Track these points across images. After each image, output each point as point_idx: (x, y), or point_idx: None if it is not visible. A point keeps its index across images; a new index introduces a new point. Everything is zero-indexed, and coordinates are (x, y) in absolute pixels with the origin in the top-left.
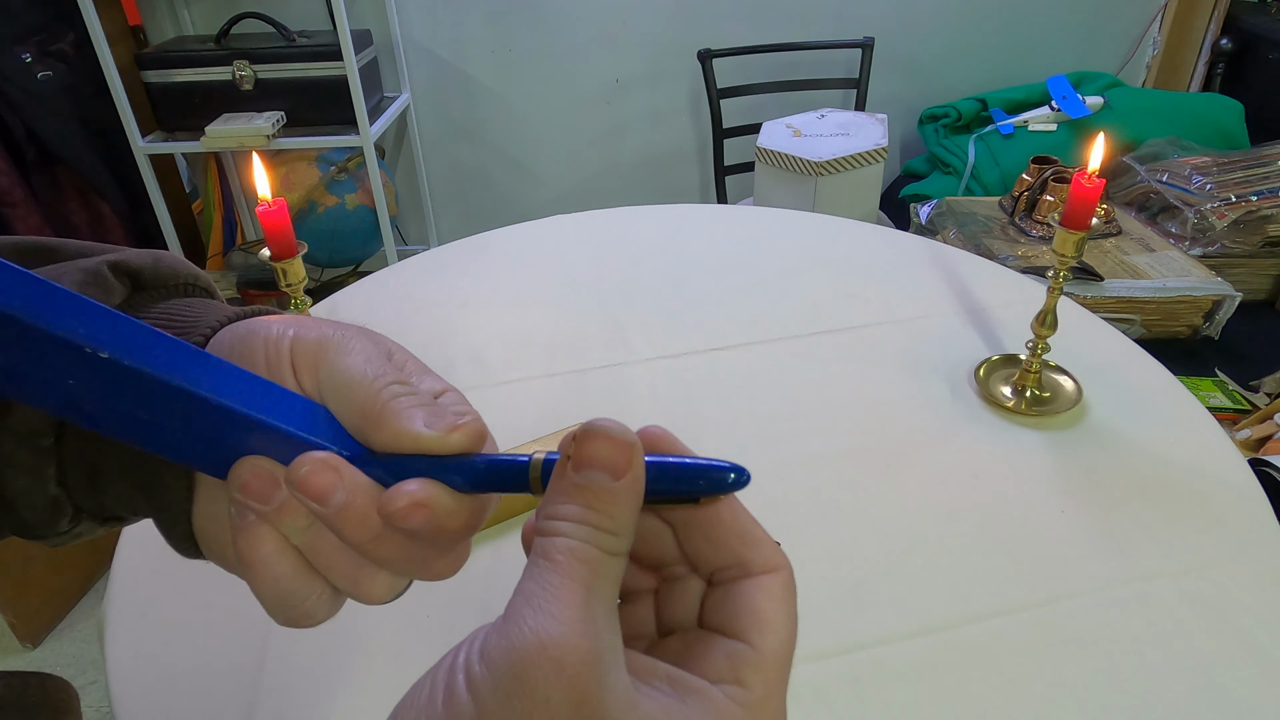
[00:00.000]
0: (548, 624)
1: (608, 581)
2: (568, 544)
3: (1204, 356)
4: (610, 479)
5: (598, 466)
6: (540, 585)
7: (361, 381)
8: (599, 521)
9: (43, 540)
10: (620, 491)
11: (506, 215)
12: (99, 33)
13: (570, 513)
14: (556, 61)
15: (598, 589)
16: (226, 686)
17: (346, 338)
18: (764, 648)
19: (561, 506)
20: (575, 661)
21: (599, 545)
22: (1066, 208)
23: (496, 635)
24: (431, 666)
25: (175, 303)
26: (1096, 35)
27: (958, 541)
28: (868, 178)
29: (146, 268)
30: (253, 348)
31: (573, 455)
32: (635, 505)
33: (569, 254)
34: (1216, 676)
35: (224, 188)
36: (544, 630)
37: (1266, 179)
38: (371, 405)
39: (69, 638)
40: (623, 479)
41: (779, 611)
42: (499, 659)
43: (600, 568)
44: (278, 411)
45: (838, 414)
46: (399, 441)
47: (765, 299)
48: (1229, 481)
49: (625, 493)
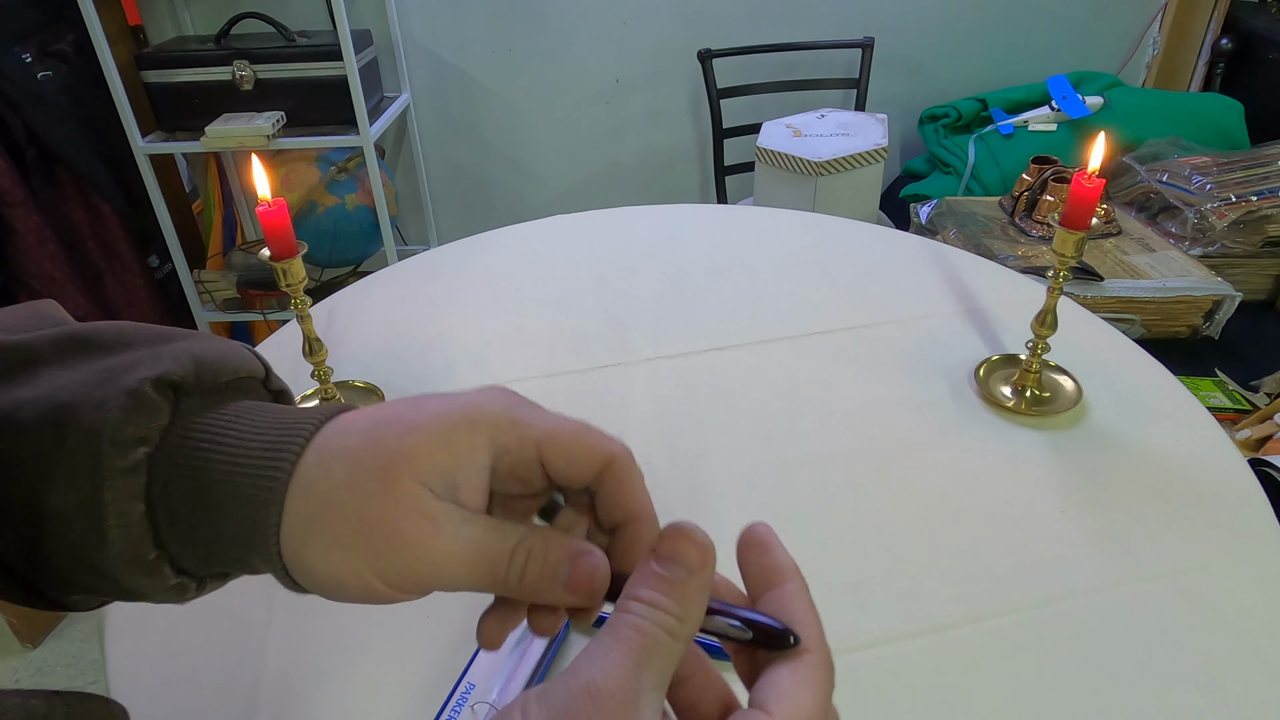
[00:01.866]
0: (596, 673)
1: (662, 658)
2: (634, 620)
3: (1204, 356)
4: (686, 574)
5: (677, 561)
6: (602, 647)
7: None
8: (667, 606)
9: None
10: (691, 585)
11: (506, 215)
12: (99, 33)
13: (644, 595)
14: (556, 61)
15: (650, 660)
16: (226, 686)
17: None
18: (781, 716)
19: (638, 589)
20: (611, 700)
21: (661, 625)
22: (1066, 208)
23: (556, 683)
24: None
25: (228, 412)
26: (1096, 35)
27: (958, 541)
28: (868, 178)
29: (189, 375)
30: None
31: (656, 549)
32: (702, 599)
33: (569, 254)
34: (1216, 676)
35: (224, 188)
36: (592, 676)
37: (1266, 179)
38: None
39: (69, 638)
40: (695, 576)
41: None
42: (554, 701)
43: (657, 644)
44: None
45: (838, 414)
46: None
47: (765, 299)
48: (1229, 481)
49: (695, 587)
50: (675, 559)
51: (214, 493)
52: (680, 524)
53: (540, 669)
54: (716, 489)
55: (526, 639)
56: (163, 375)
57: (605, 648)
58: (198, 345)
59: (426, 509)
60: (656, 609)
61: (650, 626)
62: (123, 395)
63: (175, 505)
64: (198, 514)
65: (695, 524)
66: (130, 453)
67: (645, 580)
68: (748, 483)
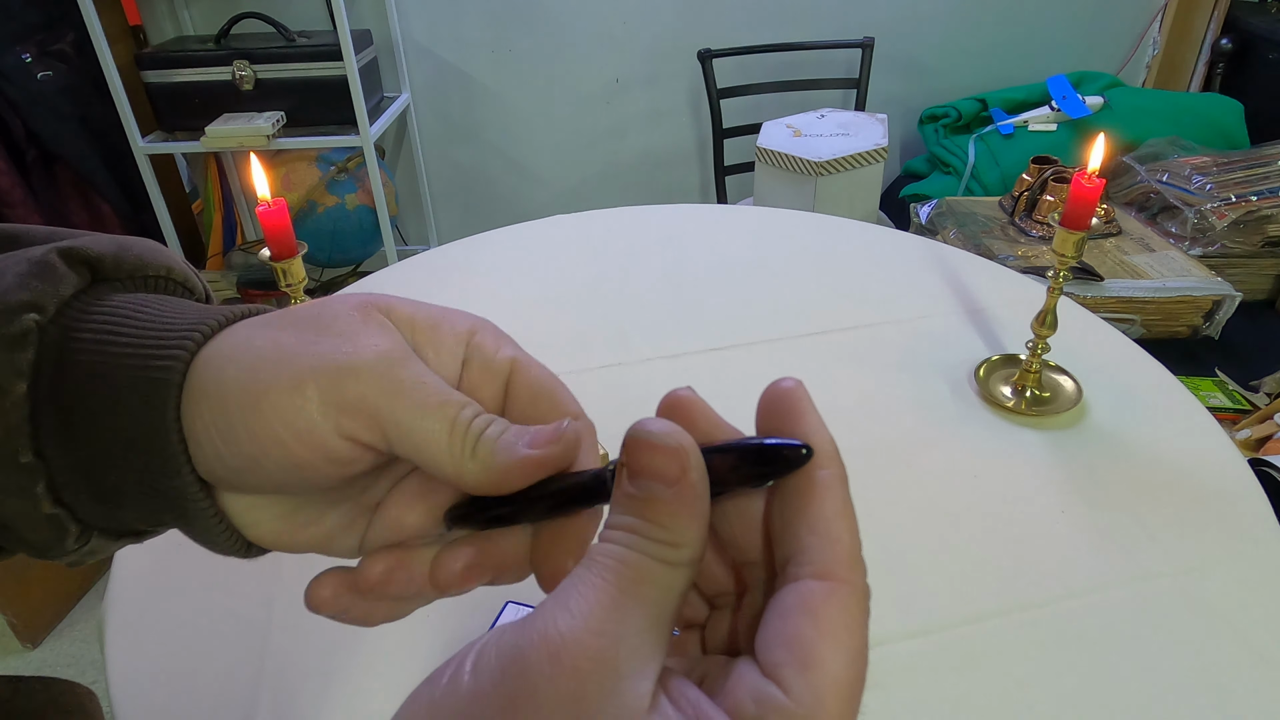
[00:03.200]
0: (561, 617)
1: (658, 590)
2: (614, 549)
3: (1204, 356)
4: (665, 487)
5: (650, 476)
6: (572, 583)
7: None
8: (652, 532)
9: (55, 560)
10: (677, 499)
11: (506, 215)
12: (99, 33)
13: (624, 523)
14: (556, 61)
15: (639, 595)
16: (226, 686)
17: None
18: (801, 695)
19: (616, 518)
20: (576, 656)
21: (652, 554)
22: (1066, 208)
23: (515, 628)
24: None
25: (139, 297)
26: (1096, 35)
27: (958, 541)
28: (868, 178)
29: (107, 255)
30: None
31: (626, 464)
32: (697, 511)
33: (569, 254)
34: (1216, 676)
35: (224, 188)
36: (554, 622)
37: (1266, 179)
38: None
39: (69, 638)
40: (677, 485)
41: (830, 645)
42: (508, 645)
43: (648, 574)
44: None
45: (838, 414)
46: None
47: (765, 299)
48: (1229, 481)
49: (683, 499)
50: (645, 471)
51: (109, 372)
52: (641, 429)
53: None
54: None
55: None
56: (75, 247)
57: (576, 582)
58: (129, 238)
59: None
60: (636, 534)
61: (631, 554)
62: (23, 262)
63: (66, 393)
64: (89, 405)
65: (660, 421)
66: (16, 319)
67: (620, 503)
68: None
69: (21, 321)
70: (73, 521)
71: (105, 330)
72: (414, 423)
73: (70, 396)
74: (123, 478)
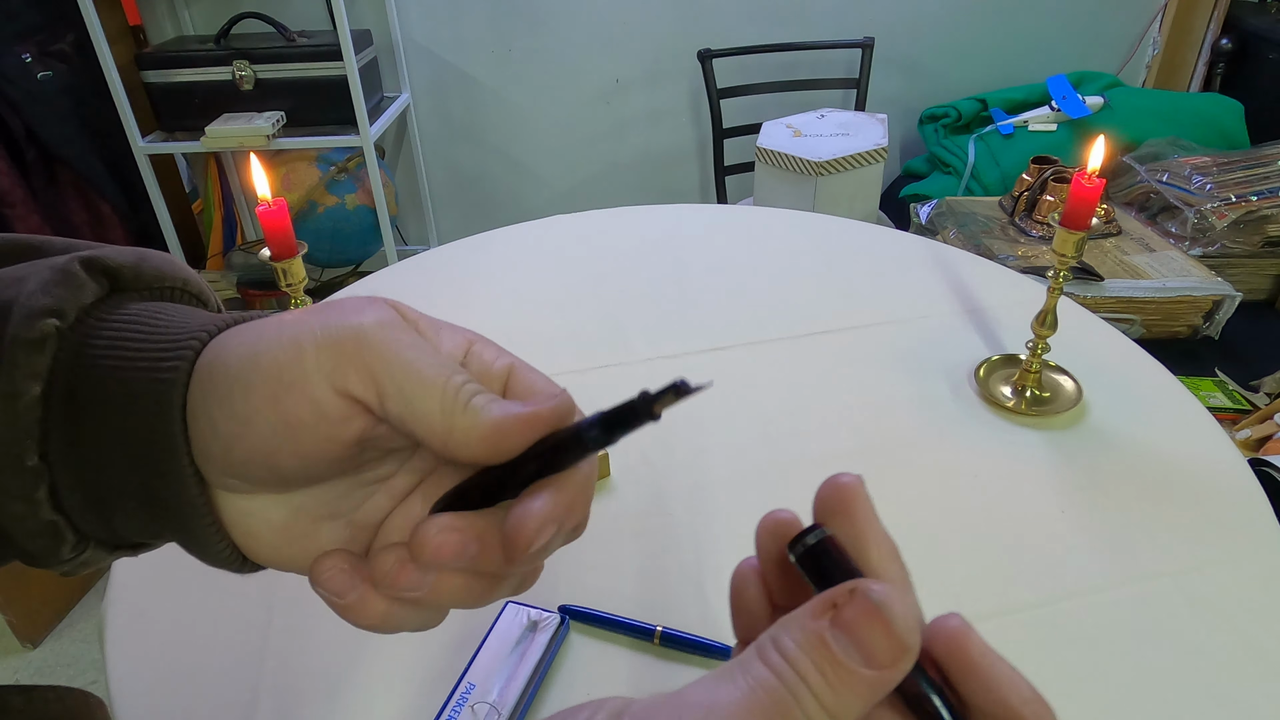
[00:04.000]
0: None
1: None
2: (773, 683)
3: (1204, 356)
4: (864, 666)
5: (859, 648)
6: (726, 677)
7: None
8: (821, 692)
9: (49, 569)
10: (865, 681)
11: (506, 215)
12: (99, 33)
13: (798, 662)
14: (556, 61)
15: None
16: (226, 686)
17: (386, 340)
18: None
19: (798, 649)
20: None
21: (800, 701)
22: (1066, 208)
23: (656, 702)
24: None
25: (154, 306)
26: (1096, 35)
27: (957, 542)
28: (868, 178)
29: (127, 266)
30: (271, 375)
31: (842, 612)
32: (874, 699)
33: (569, 254)
34: (1216, 676)
35: (224, 188)
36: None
37: (1266, 179)
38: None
39: (69, 638)
40: (880, 674)
41: None
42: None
43: (786, 713)
44: None
45: (838, 414)
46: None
47: (765, 299)
48: (1229, 481)
49: (869, 684)
50: (855, 635)
51: (121, 380)
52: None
53: (540, 669)
54: (716, 489)
55: (526, 639)
56: (95, 256)
57: (729, 678)
58: (148, 251)
59: (392, 316)
60: (805, 684)
61: (785, 694)
62: (46, 270)
63: (78, 405)
64: (99, 412)
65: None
66: (38, 322)
67: (811, 639)
68: (747, 482)
69: (42, 326)
70: (70, 530)
71: (119, 336)
72: (407, 379)
73: (82, 398)
74: (125, 481)
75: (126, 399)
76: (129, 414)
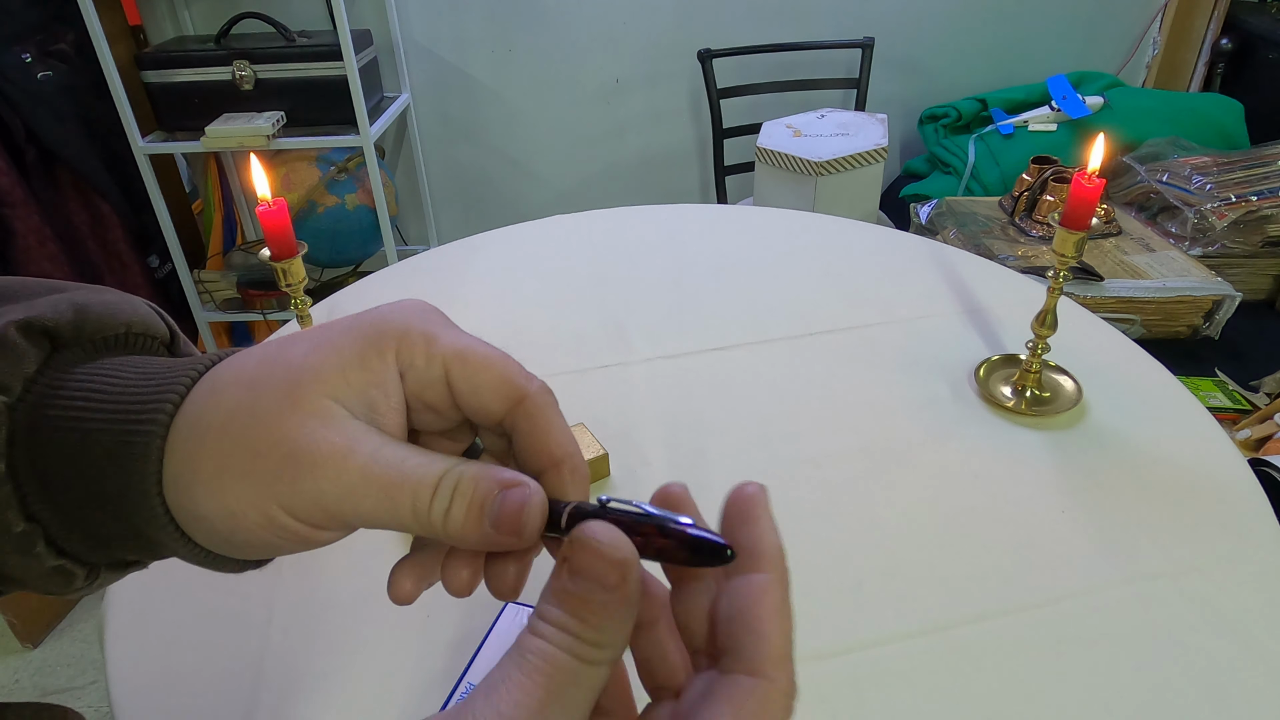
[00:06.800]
0: (494, 711)
1: (579, 689)
2: (543, 646)
3: (1204, 356)
4: (601, 591)
5: (591, 578)
6: (503, 678)
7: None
8: (582, 631)
9: (68, 596)
10: (610, 605)
11: (506, 215)
12: (99, 33)
13: (556, 617)
14: (556, 61)
15: (562, 695)
16: (226, 686)
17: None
18: None
19: (550, 609)
20: None
21: (576, 654)
22: (1066, 208)
23: (446, 716)
24: None
25: (108, 363)
26: (1096, 35)
27: (958, 541)
28: (868, 178)
29: (65, 324)
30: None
31: (568, 560)
32: (627, 617)
33: (569, 254)
34: (1216, 676)
35: (224, 188)
36: (490, 714)
37: (1266, 179)
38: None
39: (69, 638)
40: (615, 592)
41: None
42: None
43: (571, 675)
44: None
45: (838, 414)
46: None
47: (765, 299)
48: (1229, 481)
49: (615, 606)
50: (587, 573)
51: (88, 447)
52: (589, 534)
53: None
54: (716, 489)
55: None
56: (33, 319)
57: (505, 677)
58: (85, 295)
59: (340, 426)
60: (567, 632)
61: (560, 655)
62: None
63: (47, 467)
64: (72, 477)
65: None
66: None
67: (556, 595)
68: None
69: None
70: (79, 566)
71: (74, 410)
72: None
73: (49, 468)
74: (113, 530)
75: (95, 471)
76: (102, 482)
